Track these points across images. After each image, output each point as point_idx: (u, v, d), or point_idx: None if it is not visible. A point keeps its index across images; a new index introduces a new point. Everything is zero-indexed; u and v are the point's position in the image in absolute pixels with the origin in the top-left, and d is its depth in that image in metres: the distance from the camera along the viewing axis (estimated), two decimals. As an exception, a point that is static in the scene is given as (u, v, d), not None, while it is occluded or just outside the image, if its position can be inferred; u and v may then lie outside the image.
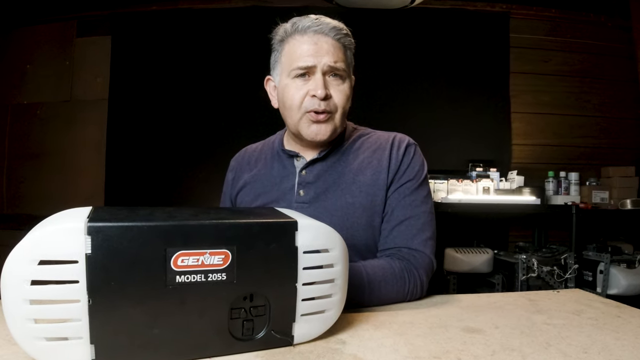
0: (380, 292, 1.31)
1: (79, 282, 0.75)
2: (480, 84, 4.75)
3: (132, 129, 4.67)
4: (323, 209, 1.55)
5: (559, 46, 4.86)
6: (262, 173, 1.72)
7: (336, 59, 1.53)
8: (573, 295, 1.42)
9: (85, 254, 0.75)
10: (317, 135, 1.54)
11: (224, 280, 0.84)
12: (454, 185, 4.17)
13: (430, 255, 1.46)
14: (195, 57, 4.69)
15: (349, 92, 1.57)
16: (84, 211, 0.86)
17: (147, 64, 4.72)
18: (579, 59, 4.88)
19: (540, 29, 4.86)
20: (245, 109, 4.57)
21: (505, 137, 4.75)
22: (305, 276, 0.91)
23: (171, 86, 4.67)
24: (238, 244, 0.84)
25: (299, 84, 1.54)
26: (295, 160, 1.67)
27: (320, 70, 1.52)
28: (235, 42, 4.67)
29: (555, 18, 4.85)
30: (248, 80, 4.58)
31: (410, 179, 1.56)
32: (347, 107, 1.57)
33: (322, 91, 1.49)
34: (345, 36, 1.57)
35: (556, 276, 3.79)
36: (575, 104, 4.85)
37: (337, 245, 0.95)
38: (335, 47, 1.54)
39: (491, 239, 4.45)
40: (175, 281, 0.80)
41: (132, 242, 0.77)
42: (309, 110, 1.52)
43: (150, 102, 4.67)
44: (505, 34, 4.80)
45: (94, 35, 4.83)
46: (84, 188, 4.73)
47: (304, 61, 1.52)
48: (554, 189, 4.42)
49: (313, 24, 1.55)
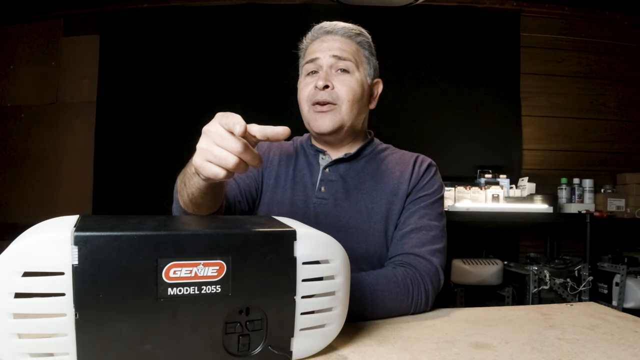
0: (383, 303, 1.31)
1: (65, 294, 0.75)
2: (490, 85, 4.76)
3: (122, 134, 4.66)
4: (341, 208, 1.62)
5: (573, 46, 4.87)
6: (286, 164, 1.79)
7: (341, 51, 1.64)
8: (587, 308, 1.43)
9: (72, 265, 0.75)
10: (321, 125, 1.63)
11: (219, 292, 0.83)
12: (461, 193, 4.17)
13: (437, 266, 1.48)
14: (189, 57, 4.69)
15: (356, 85, 1.65)
16: (70, 220, 0.86)
17: (138, 65, 4.71)
18: (594, 59, 4.89)
19: (553, 28, 4.86)
20: (243, 112, 4.57)
21: (516, 142, 4.76)
22: (304, 288, 0.90)
23: (163, 88, 4.66)
24: (233, 254, 0.84)
25: (309, 80, 1.67)
26: (320, 157, 1.75)
27: (326, 63, 1.63)
28: (231, 41, 4.67)
29: (569, 16, 4.85)
30: (245, 82, 4.59)
31: (427, 194, 1.65)
32: (355, 102, 1.65)
33: (322, 81, 1.60)
34: (357, 35, 1.70)
35: (569, 289, 3.79)
36: (590, 107, 4.86)
37: (338, 256, 0.95)
38: (343, 43, 1.67)
39: (501, 250, 4.45)
40: (167, 294, 0.80)
41: (121, 253, 0.77)
42: (314, 102, 1.63)
43: (140, 105, 4.66)
44: (515, 33, 4.81)
45: (81, 35, 4.83)
46: (70, 195, 4.72)
47: (310, 56, 1.67)
48: (567, 197, 4.42)
49: (325, 25, 1.70)
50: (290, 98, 1.92)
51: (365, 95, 1.70)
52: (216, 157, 0.99)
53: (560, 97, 4.83)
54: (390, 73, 4.50)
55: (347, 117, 1.63)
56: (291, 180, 1.72)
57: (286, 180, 1.73)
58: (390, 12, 4.62)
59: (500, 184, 4.29)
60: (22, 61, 4.89)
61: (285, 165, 1.78)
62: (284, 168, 1.77)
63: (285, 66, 1.92)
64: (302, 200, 1.67)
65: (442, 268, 1.50)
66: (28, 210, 4.72)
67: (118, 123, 4.68)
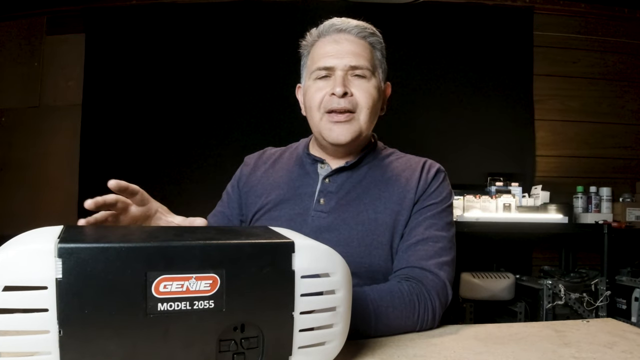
0: (387, 320, 1.31)
1: (48, 310, 0.75)
2: (501, 87, 4.76)
3: (109, 139, 4.65)
4: (342, 221, 1.60)
5: (589, 45, 4.88)
6: (280, 175, 1.78)
7: (358, 58, 1.62)
8: (605, 325, 1.42)
9: (56, 278, 0.75)
10: (339, 136, 1.61)
11: (212, 308, 0.83)
12: (470, 202, 4.17)
13: (444, 280, 1.47)
14: (181, 58, 4.69)
15: (374, 92, 1.64)
16: (54, 231, 0.86)
17: (126, 66, 4.71)
18: (612, 60, 4.89)
19: (568, 26, 4.87)
20: (239, 115, 4.58)
21: (529, 148, 4.76)
22: (303, 304, 0.90)
23: (153, 90, 4.66)
24: (227, 267, 0.84)
25: (320, 85, 1.63)
26: (319, 166, 1.73)
27: (342, 69, 1.60)
28: (225, 41, 4.68)
29: (585, 14, 4.86)
30: (241, 83, 4.58)
31: (435, 202, 1.63)
32: (373, 109, 1.64)
33: (340, 88, 1.57)
34: (370, 35, 1.68)
35: (586, 304, 3.79)
36: (607, 110, 4.86)
37: (339, 269, 0.95)
38: (358, 45, 1.64)
39: (512, 262, 4.45)
40: (157, 309, 0.80)
41: (108, 266, 0.77)
42: (329, 110, 1.60)
43: (128, 108, 4.66)
44: (528, 32, 4.81)
45: (66, 33, 4.84)
46: (54, 204, 4.72)
47: (324, 62, 1.63)
48: (583, 206, 4.42)
49: (336, 22, 1.66)
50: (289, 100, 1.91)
51: (380, 101, 1.70)
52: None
53: (576, 99, 4.83)
54: (395, 74, 4.48)
55: (366, 127, 1.63)
56: (286, 194, 1.71)
57: (280, 193, 1.72)
58: (395, 9, 4.63)
59: (512, 192, 4.29)
60: (3, 62, 4.89)
61: (278, 178, 1.77)
62: (276, 181, 1.76)
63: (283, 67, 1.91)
64: (299, 214, 1.65)
65: (450, 282, 1.50)
66: (9, 221, 4.69)
67: (105, 127, 4.67)
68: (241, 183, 1.84)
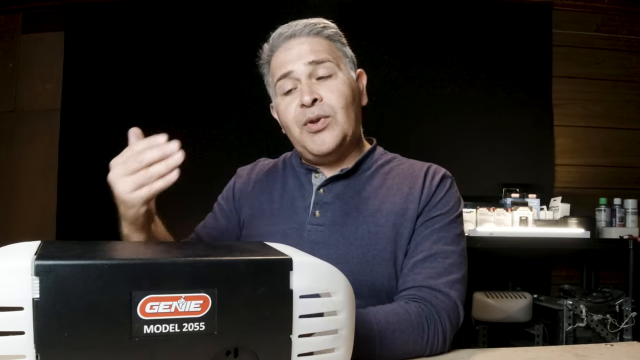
0: (393, 344, 1.31)
1: (24, 333, 0.75)
2: (517, 90, 4.76)
3: (90, 146, 4.58)
4: (340, 235, 1.59)
5: (613, 44, 4.87)
6: (273, 187, 1.78)
7: (314, 55, 1.61)
8: (630, 349, 1.42)
9: (33, 298, 0.75)
10: (322, 145, 1.60)
11: (203, 331, 0.83)
12: (484, 215, 4.17)
13: (456, 300, 1.46)
14: (168, 57, 4.67)
15: (344, 88, 1.63)
16: (30, 246, 0.86)
17: (109, 67, 4.68)
18: (637, 61, 4.89)
19: (590, 24, 4.86)
20: (231, 122, 4.58)
21: (547, 156, 4.76)
22: (302, 326, 0.90)
23: (138, 94, 4.63)
24: (219, 286, 0.84)
25: (288, 99, 1.64)
26: (313, 176, 1.73)
27: (303, 74, 1.60)
28: (217, 39, 4.67)
29: (609, 10, 4.85)
30: (233, 87, 4.57)
31: (442, 212, 1.60)
32: (349, 107, 1.63)
33: (307, 97, 1.56)
34: (323, 29, 1.66)
35: (609, 326, 3.78)
36: (633, 115, 4.86)
37: (342, 288, 0.95)
38: (312, 43, 1.64)
39: (530, 281, 4.44)
40: (143, 332, 0.80)
41: (90, 285, 0.77)
42: (305, 123, 1.59)
43: (112, 113, 4.61)
44: (546, 30, 4.81)
45: (43, 31, 4.82)
46: (30, 218, 4.71)
47: (281, 70, 1.64)
48: (607, 220, 4.41)
49: (282, 30, 1.67)
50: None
51: (357, 95, 1.69)
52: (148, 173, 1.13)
53: (599, 103, 4.83)
54: (400, 74, 4.50)
55: (347, 126, 1.62)
56: (280, 207, 1.71)
57: (273, 207, 1.72)
58: (401, 3, 4.63)
59: (529, 204, 4.28)
60: (-25, 63, 4.88)
61: (270, 190, 1.77)
62: (269, 194, 1.76)
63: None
64: (294, 229, 1.65)
65: (462, 302, 1.49)
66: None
67: (86, 134, 4.64)
68: (235, 195, 1.85)
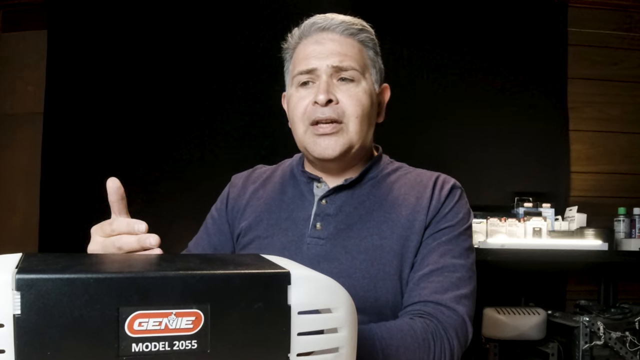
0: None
1: (4, 352, 0.74)
2: (530, 93, 4.75)
3: (75, 153, 4.60)
4: (343, 248, 1.59)
5: (633, 44, 4.87)
6: (271, 197, 1.78)
7: (344, 58, 1.61)
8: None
9: (13, 315, 0.75)
10: (326, 150, 1.61)
11: (195, 349, 0.83)
12: (495, 226, 4.17)
13: (463, 315, 1.46)
14: (159, 57, 4.67)
15: (364, 97, 1.63)
16: (11, 259, 0.86)
17: (95, 68, 4.66)
18: (657, 61, 4.89)
19: (608, 22, 4.85)
20: (227, 126, 4.57)
21: (562, 163, 4.75)
22: (300, 344, 0.89)
23: (127, 97, 4.62)
24: (213, 302, 0.83)
25: (303, 93, 1.64)
26: (315, 186, 1.73)
27: (325, 72, 1.60)
28: (212, 38, 4.67)
29: (628, 7, 4.83)
30: (230, 89, 4.57)
31: (451, 224, 1.61)
32: (363, 117, 1.63)
33: (323, 95, 1.56)
34: (359, 31, 1.67)
35: (629, 344, 3.78)
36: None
37: (343, 304, 0.94)
38: (344, 44, 1.63)
39: (543, 296, 4.44)
40: (131, 351, 0.79)
41: (74, 300, 0.77)
42: (313, 122, 1.60)
43: (98, 118, 4.61)
44: (562, 29, 4.81)
45: (24, 30, 4.81)
46: (10, 229, 4.70)
47: (305, 64, 1.63)
48: (626, 231, 4.40)
49: (318, 20, 1.66)
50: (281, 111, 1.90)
51: (374, 107, 1.69)
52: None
53: (617, 107, 4.82)
54: (405, 77, 4.51)
55: (357, 137, 1.62)
56: (277, 218, 1.71)
57: (270, 218, 1.72)
58: (409, 3, 4.63)
59: (542, 215, 4.28)
60: (-48, 63, 4.88)
61: (268, 200, 1.77)
62: (266, 203, 1.76)
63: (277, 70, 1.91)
64: (293, 242, 1.65)
65: (471, 318, 1.49)
66: (-42, 248, 4.71)
67: (70, 139, 4.62)
68: (229, 205, 1.84)
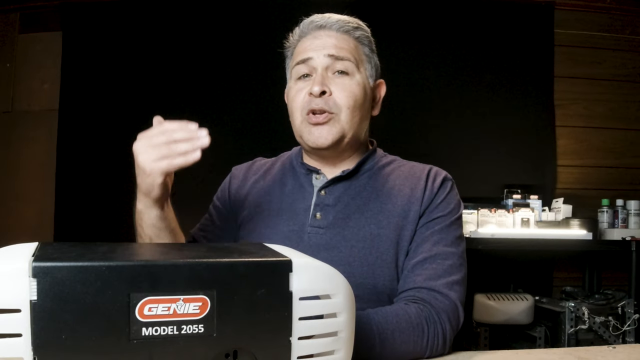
0: (394, 345, 1.31)
1: (22, 335, 0.74)
2: (518, 90, 4.76)
3: (88, 147, 4.61)
4: (342, 237, 1.60)
5: (616, 44, 4.86)
6: (271, 188, 1.78)
7: (338, 49, 1.63)
8: (632, 351, 1.42)
9: (30, 300, 0.75)
10: (319, 138, 1.61)
11: (201, 333, 0.83)
12: (485, 217, 4.16)
13: (455, 301, 1.46)
14: (169, 57, 4.66)
15: (357, 89, 1.64)
16: (27, 248, 0.86)
17: (107, 67, 4.66)
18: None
19: (593, 24, 4.85)
20: (228, 119, 4.56)
21: (549, 157, 4.75)
22: (301, 328, 0.90)
23: (138, 94, 4.61)
24: (219, 288, 0.84)
25: (301, 85, 1.65)
26: (314, 177, 1.73)
27: (321, 65, 1.62)
28: (218, 37, 4.67)
29: (611, 9, 4.83)
30: (232, 84, 4.57)
31: (443, 214, 1.62)
32: (356, 109, 1.64)
33: (317, 87, 1.57)
34: (354, 29, 1.69)
35: (612, 328, 3.78)
36: (635, 116, 4.85)
37: (342, 290, 0.95)
38: (339, 39, 1.65)
39: (531, 283, 4.43)
40: (141, 334, 0.79)
41: (87, 287, 0.77)
42: (308, 112, 1.60)
43: (110, 114, 4.61)
44: (548, 29, 4.81)
45: (41, 31, 4.80)
46: (26, 220, 4.70)
47: (302, 55, 1.65)
48: (609, 221, 4.40)
49: (315, 19, 1.68)
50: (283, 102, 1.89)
51: (368, 100, 1.70)
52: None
53: (601, 104, 4.82)
54: (399, 74, 4.49)
55: (348, 127, 1.62)
56: (279, 209, 1.70)
57: (272, 209, 1.71)
58: (399, 3, 4.63)
59: (530, 206, 4.28)
60: (-28, 63, 4.87)
61: (269, 191, 1.76)
62: (267, 194, 1.75)
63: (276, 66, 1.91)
64: (294, 231, 1.64)
65: (462, 303, 1.49)
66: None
67: (84, 135, 4.63)
68: (231, 196, 1.84)
